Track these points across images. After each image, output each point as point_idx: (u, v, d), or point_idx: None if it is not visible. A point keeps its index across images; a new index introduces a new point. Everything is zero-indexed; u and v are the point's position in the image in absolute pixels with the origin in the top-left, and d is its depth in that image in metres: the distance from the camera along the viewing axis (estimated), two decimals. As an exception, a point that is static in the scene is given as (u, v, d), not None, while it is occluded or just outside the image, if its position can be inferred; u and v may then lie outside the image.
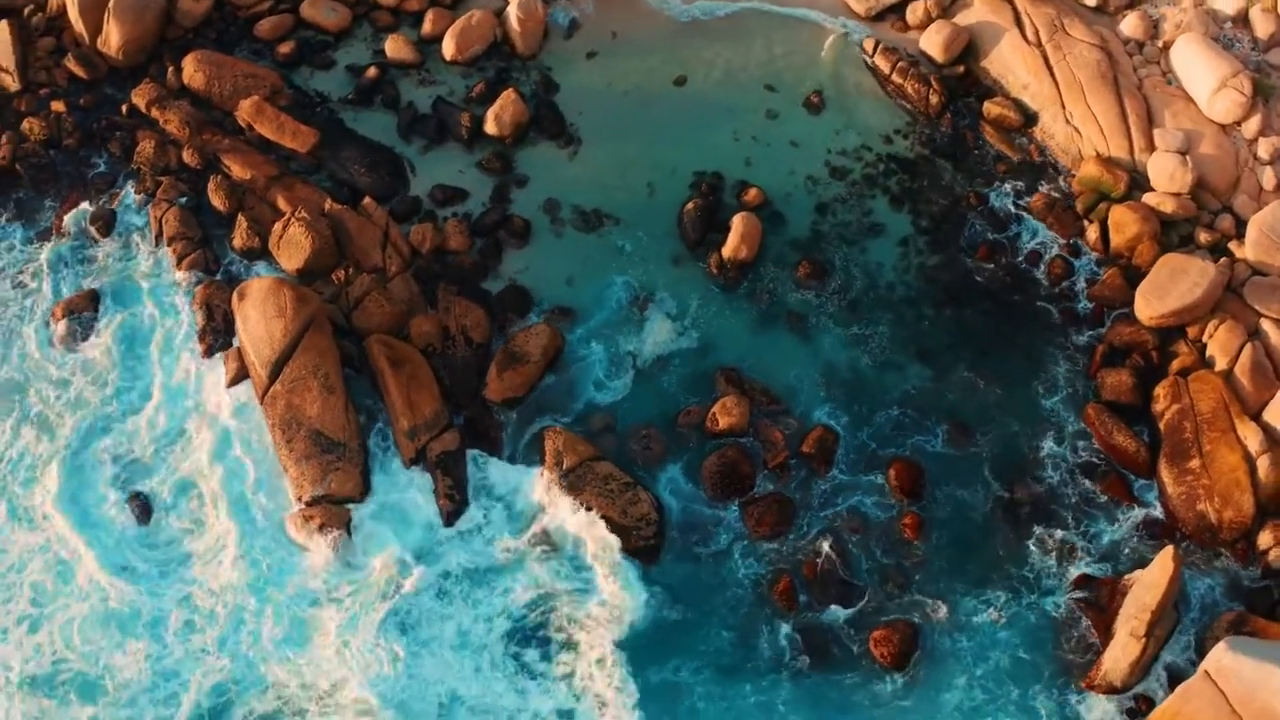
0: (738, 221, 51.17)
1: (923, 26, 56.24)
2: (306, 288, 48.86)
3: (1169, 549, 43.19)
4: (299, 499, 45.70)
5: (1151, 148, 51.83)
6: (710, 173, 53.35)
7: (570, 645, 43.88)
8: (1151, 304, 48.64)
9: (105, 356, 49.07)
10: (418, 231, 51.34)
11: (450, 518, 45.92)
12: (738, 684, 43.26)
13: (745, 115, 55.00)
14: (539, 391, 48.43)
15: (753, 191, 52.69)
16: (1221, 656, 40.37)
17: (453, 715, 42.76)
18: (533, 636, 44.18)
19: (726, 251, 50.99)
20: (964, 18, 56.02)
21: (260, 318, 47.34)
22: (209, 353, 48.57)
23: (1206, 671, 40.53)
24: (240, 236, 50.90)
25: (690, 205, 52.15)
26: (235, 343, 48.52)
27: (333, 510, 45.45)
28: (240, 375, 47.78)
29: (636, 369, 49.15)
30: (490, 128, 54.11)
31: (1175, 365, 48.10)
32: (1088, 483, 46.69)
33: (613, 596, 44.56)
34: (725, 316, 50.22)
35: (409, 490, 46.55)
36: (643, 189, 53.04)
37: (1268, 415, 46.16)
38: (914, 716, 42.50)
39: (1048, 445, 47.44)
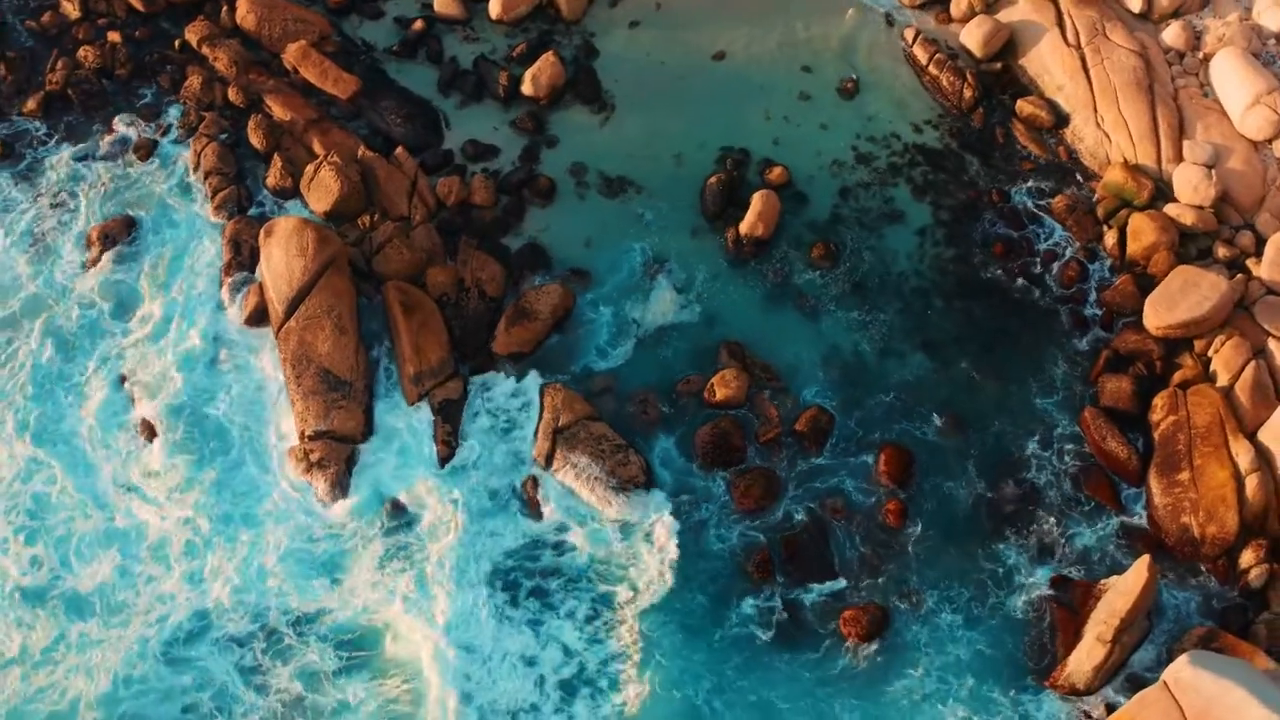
0: (757, 199, 51.08)
1: (965, 20, 55.59)
2: (330, 230, 49.64)
3: (1145, 558, 42.72)
4: (302, 433, 46.57)
5: (1179, 158, 50.97)
6: (737, 149, 53.33)
7: (546, 593, 44.38)
8: (1160, 314, 47.94)
9: (132, 281, 50.18)
10: (445, 184, 51.89)
11: (444, 463, 46.46)
12: (702, 645, 43.54)
13: (779, 95, 54.84)
14: (544, 349, 48.88)
15: (777, 170, 52.59)
16: (1181, 669, 39.89)
17: (424, 644, 43.34)
18: (515, 582, 44.68)
19: (744, 227, 50.96)
20: (1007, 14, 55.32)
21: (283, 255, 48.20)
22: (232, 286, 49.51)
23: (1166, 682, 40.06)
24: (274, 175, 51.84)
25: (713, 179, 52.12)
26: (258, 277, 49.42)
27: (333, 446, 46.28)
28: (259, 309, 48.71)
29: (642, 336, 49.34)
30: (527, 88, 54.48)
31: (1177, 377, 47.40)
32: (1075, 486, 46.22)
33: (593, 551, 45.06)
34: (736, 291, 50.27)
35: (409, 433, 47.17)
36: (669, 160, 53.10)
37: (1262, 435, 45.36)
38: (862, 697, 42.42)
39: (1040, 445, 46.98)
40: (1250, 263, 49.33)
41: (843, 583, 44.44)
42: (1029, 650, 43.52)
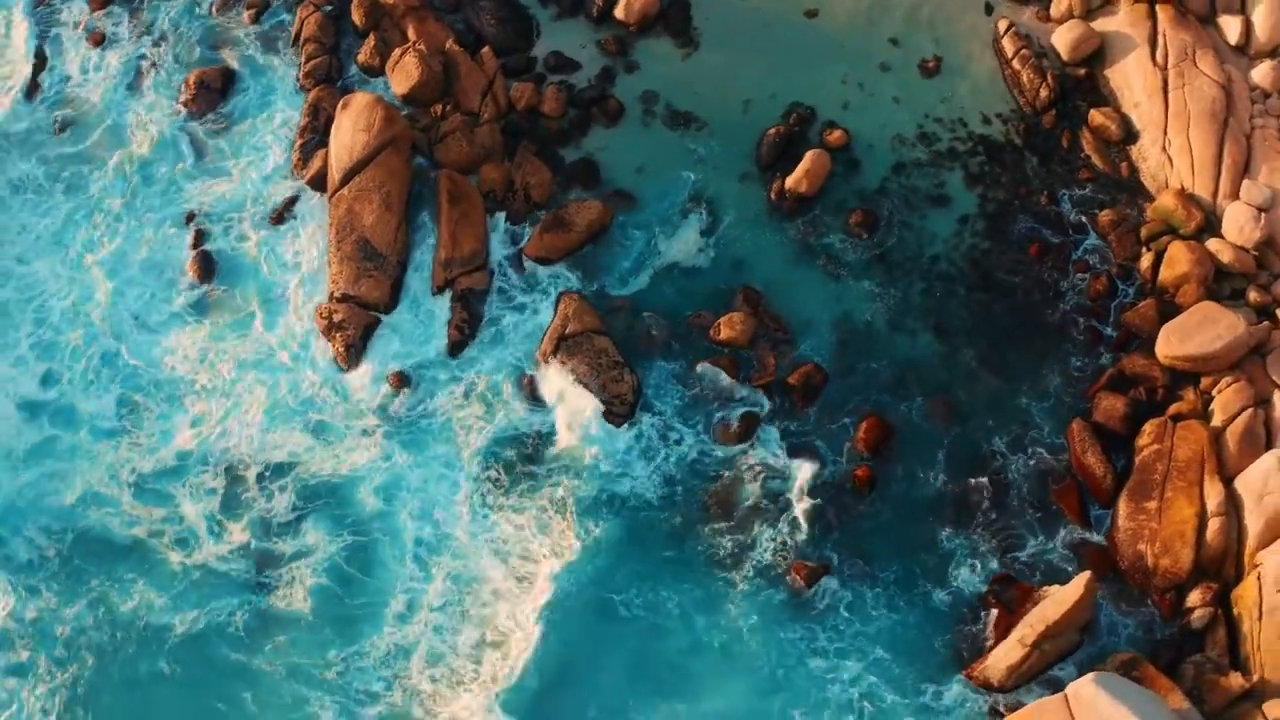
0: (809, 156, 50.54)
1: (1062, 20, 53.54)
2: (399, 112, 50.86)
3: (1086, 574, 42.12)
4: (331, 294, 48.37)
5: (1235, 196, 48.73)
6: (806, 105, 52.55)
7: (520, 477, 45.79)
8: (1171, 343, 46.21)
9: (214, 129, 52.46)
10: (520, 88, 52.52)
11: (455, 348, 47.91)
12: (644, 555, 44.60)
13: (860, 61, 53.67)
14: (572, 259, 49.53)
15: (837, 133, 51.72)
16: (1084, 686, 39.29)
17: (393, 511, 45.39)
18: (493, 464, 46.10)
19: (789, 181, 50.48)
20: (1103, 24, 53.11)
21: (350, 128, 49.63)
22: (303, 148, 51.35)
23: (1067, 695, 39.58)
24: (365, 53, 53.24)
25: (773, 130, 51.63)
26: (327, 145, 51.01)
27: (356, 311, 48.02)
28: (321, 174, 50.45)
29: (661, 267, 49.62)
30: (620, 12, 54.36)
31: (1174, 408, 45.75)
32: (1044, 492, 45.28)
33: (573, 453, 46.21)
34: (767, 241, 50.09)
35: (428, 314, 48.65)
36: (738, 104, 52.67)
37: (1239, 481, 43.64)
38: (769, 629, 43.08)
39: (1020, 446, 46.00)
40: (1280, 313, 47.53)
41: (793, 530, 44.60)
42: (956, 638, 43.31)
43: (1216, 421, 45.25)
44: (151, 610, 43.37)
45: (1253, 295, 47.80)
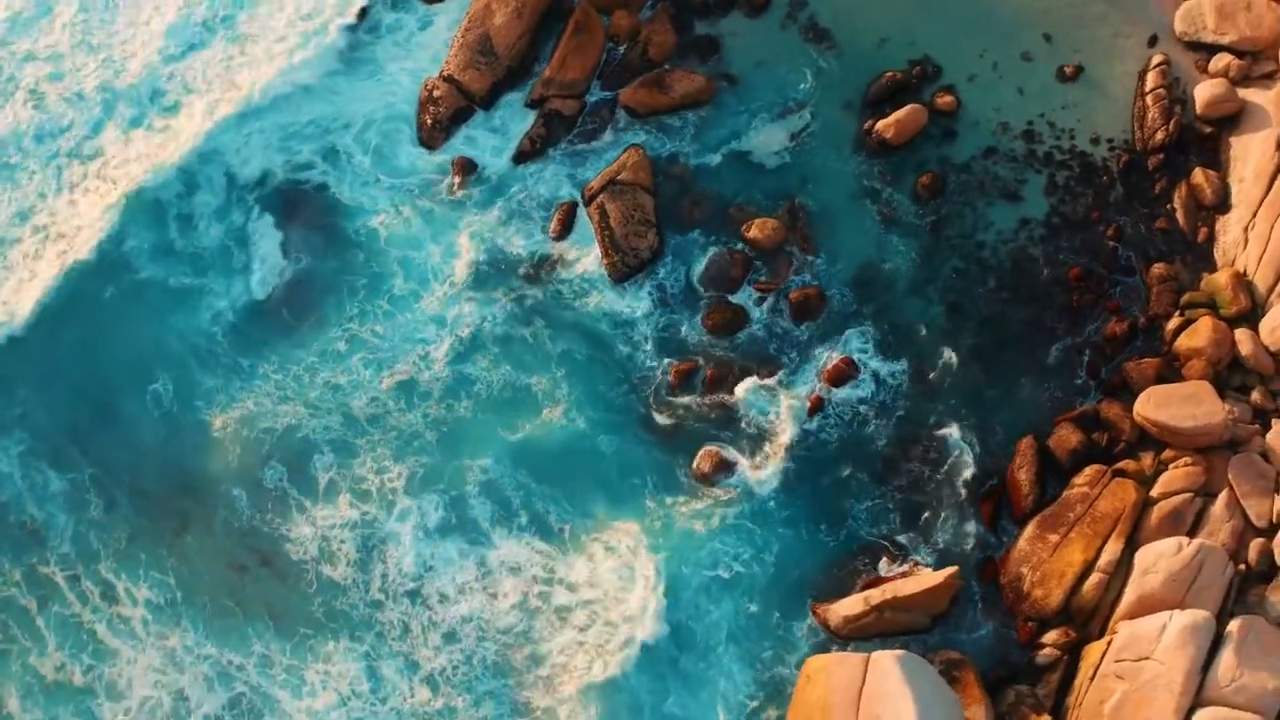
0: (907, 108, 49.41)
1: (1215, 77, 49.94)
2: (566, -60, 52.38)
3: (952, 569, 42.09)
4: (441, 73, 50.77)
5: (1287, 298, 45.61)
6: (934, 64, 50.99)
7: (516, 283, 47.99)
8: (1147, 405, 44.08)
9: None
10: (687, -43, 53.06)
11: (521, 158, 49.77)
12: (590, 391, 46.37)
13: (1006, 43, 51.30)
14: (656, 119, 50.25)
15: (949, 99, 50.17)
16: (886, 657, 39.78)
17: (389, 257, 48.47)
18: (499, 266, 48.33)
19: (880, 124, 49.52)
20: (1250, 93, 49.12)
21: (519, -58, 51.79)
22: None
23: (871, 657, 39.87)
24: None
25: (891, 75, 50.57)
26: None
27: (454, 94, 50.44)
28: (481, -32, 52.80)
29: (740, 155, 49.74)
30: (809, -82, 53.78)
31: (1124, 464, 43.89)
32: (970, 489, 44.45)
33: (569, 284, 48.00)
34: (837, 168, 49.50)
35: (512, 125, 50.50)
36: (874, 39, 51.55)
37: (1138, 553, 41.79)
38: (659, 493, 44.87)
39: (971, 439, 45.14)
40: (1275, 423, 44.12)
41: (731, 424, 45.42)
42: (826, 575, 43.64)
43: (1154, 492, 43.23)
44: (140, 255, 48.61)
45: (1256, 395, 44.90)
